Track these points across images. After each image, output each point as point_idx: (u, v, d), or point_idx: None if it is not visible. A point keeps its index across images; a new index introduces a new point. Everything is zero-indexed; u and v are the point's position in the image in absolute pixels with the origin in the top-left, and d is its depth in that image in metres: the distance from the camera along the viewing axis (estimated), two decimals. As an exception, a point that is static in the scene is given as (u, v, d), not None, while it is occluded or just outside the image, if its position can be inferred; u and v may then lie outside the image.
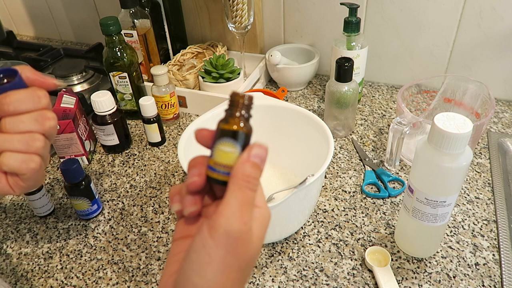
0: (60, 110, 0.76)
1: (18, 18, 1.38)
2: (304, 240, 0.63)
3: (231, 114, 0.32)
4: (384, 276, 0.56)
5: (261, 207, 0.32)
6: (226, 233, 0.29)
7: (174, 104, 0.88)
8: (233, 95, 0.32)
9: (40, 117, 0.39)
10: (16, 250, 0.65)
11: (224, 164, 0.31)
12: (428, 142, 0.49)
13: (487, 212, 0.66)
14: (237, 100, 0.32)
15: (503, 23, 0.81)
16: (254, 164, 0.31)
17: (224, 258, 0.29)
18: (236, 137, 0.32)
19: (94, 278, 0.60)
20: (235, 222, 0.29)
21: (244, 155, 0.31)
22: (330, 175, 0.75)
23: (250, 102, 0.33)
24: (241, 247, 0.30)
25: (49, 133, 0.40)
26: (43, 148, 0.39)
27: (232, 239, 0.29)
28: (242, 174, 0.30)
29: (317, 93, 0.98)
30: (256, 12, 0.96)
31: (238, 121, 0.32)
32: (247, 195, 0.30)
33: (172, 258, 0.33)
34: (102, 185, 0.76)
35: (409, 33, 0.90)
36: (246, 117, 0.32)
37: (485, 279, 0.56)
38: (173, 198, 0.33)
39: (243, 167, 0.31)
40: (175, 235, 0.34)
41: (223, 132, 0.32)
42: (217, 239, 0.29)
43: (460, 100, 0.76)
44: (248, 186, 0.31)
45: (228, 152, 0.31)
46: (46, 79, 0.41)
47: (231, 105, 0.32)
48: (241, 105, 0.32)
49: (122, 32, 0.82)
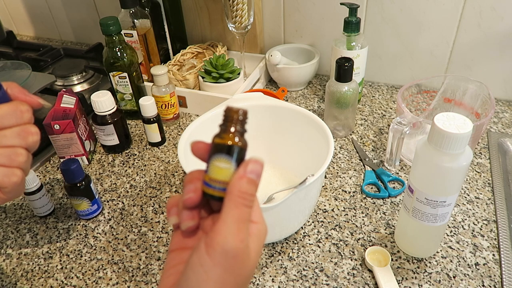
0: (60, 110, 0.76)
1: (18, 18, 1.38)
2: (304, 240, 0.63)
3: (225, 129, 0.32)
4: (384, 276, 0.56)
5: (257, 222, 0.32)
6: (224, 251, 0.29)
7: (174, 104, 0.88)
8: (228, 110, 0.32)
9: (23, 132, 0.39)
10: (16, 250, 0.65)
11: (220, 180, 0.31)
12: (428, 142, 0.49)
13: (487, 212, 0.66)
14: (232, 115, 0.32)
15: (503, 23, 0.82)
16: (250, 180, 0.31)
17: (222, 276, 0.29)
18: (231, 152, 0.31)
19: (94, 278, 0.60)
20: (232, 240, 0.29)
21: (240, 171, 0.31)
22: (330, 175, 0.75)
23: (244, 117, 0.32)
24: (238, 265, 0.30)
25: (32, 147, 0.40)
26: (25, 162, 0.40)
27: (229, 257, 0.29)
28: (238, 191, 0.30)
29: (317, 93, 0.98)
30: (256, 12, 0.96)
31: (233, 137, 0.32)
32: (243, 212, 0.31)
33: (168, 270, 0.33)
34: (102, 185, 0.76)
35: (409, 33, 0.90)
36: (241, 131, 0.32)
37: (485, 279, 0.56)
38: (171, 210, 0.33)
39: (239, 183, 0.31)
40: (171, 246, 0.34)
41: (218, 147, 0.32)
42: (215, 258, 0.29)
43: (460, 100, 0.76)
44: (244, 203, 0.31)
45: (223, 168, 0.31)
46: (32, 97, 0.41)
47: (226, 120, 0.32)
48: (235, 120, 0.32)
49: (122, 32, 0.82)
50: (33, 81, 0.88)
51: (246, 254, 0.30)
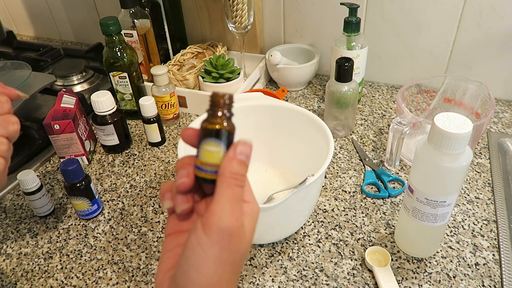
0: (60, 110, 0.76)
1: (18, 18, 1.38)
2: (304, 240, 0.63)
3: (212, 114, 0.33)
4: (384, 276, 0.56)
5: (250, 201, 0.34)
6: (220, 229, 0.30)
7: (174, 104, 0.88)
8: (213, 96, 0.33)
9: (4, 121, 0.41)
10: (16, 250, 0.65)
11: (211, 163, 0.32)
12: (428, 142, 0.49)
13: (487, 212, 0.66)
14: (218, 100, 0.33)
15: (503, 23, 0.82)
16: (240, 161, 0.32)
17: (219, 253, 0.31)
18: (219, 136, 0.32)
19: (94, 278, 0.60)
20: (227, 218, 0.31)
21: (229, 153, 0.32)
22: (330, 175, 0.75)
23: (230, 101, 0.33)
24: (234, 242, 0.31)
25: (12, 136, 0.42)
26: (7, 151, 0.41)
27: (225, 235, 0.30)
28: (229, 172, 0.32)
29: (317, 93, 0.98)
30: (256, 12, 0.96)
31: (220, 121, 0.33)
32: (236, 191, 0.32)
33: (166, 254, 0.34)
34: (102, 185, 0.76)
35: (409, 33, 0.90)
36: (228, 116, 0.33)
37: (485, 279, 0.56)
38: (165, 195, 0.35)
39: (230, 165, 0.32)
40: (167, 230, 0.35)
41: (206, 132, 0.33)
42: (212, 236, 0.30)
43: (460, 100, 0.76)
44: (236, 183, 0.32)
45: (213, 151, 0.32)
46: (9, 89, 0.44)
47: (212, 105, 0.33)
48: (222, 105, 0.33)
49: (122, 32, 0.82)
50: (33, 81, 0.88)
51: (241, 231, 0.32)
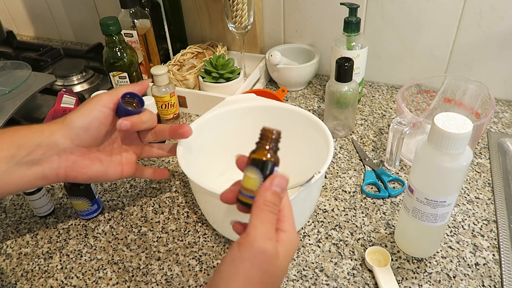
0: (60, 110, 0.76)
1: (18, 18, 1.38)
2: (304, 240, 0.63)
3: (260, 145, 0.38)
4: (384, 276, 0.56)
5: (287, 231, 0.38)
6: (252, 248, 0.34)
7: (174, 104, 0.88)
8: (263, 130, 0.39)
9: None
10: (16, 250, 0.65)
11: (248, 188, 0.38)
12: (428, 142, 0.49)
13: (487, 212, 0.66)
14: (267, 134, 0.38)
15: (503, 23, 0.82)
16: (274, 192, 0.37)
17: (250, 270, 0.34)
18: (260, 166, 0.38)
19: (94, 278, 0.60)
20: (261, 238, 0.35)
21: (266, 183, 0.37)
22: (330, 175, 0.75)
23: (278, 136, 0.39)
24: (266, 263, 0.34)
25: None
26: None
27: (258, 253, 0.34)
28: (263, 200, 0.36)
29: (317, 93, 0.98)
30: (256, 12, 0.96)
31: (265, 153, 0.38)
32: (268, 216, 0.36)
33: None
34: (102, 185, 0.76)
35: (409, 33, 0.90)
36: (274, 149, 0.39)
37: (485, 279, 0.56)
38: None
39: (265, 193, 0.37)
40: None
41: (252, 161, 0.38)
42: (244, 253, 0.34)
43: (460, 100, 0.76)
44: (268, 209, 0.36)
45: (252, 178, 0.38)
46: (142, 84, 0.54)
47: (261, 138, 0.39)
48: (269, 139, 0.38)
49: (122, 32, 0.82)
50: (33, 81, 0.88)
51: (274, 254, 0.35)
